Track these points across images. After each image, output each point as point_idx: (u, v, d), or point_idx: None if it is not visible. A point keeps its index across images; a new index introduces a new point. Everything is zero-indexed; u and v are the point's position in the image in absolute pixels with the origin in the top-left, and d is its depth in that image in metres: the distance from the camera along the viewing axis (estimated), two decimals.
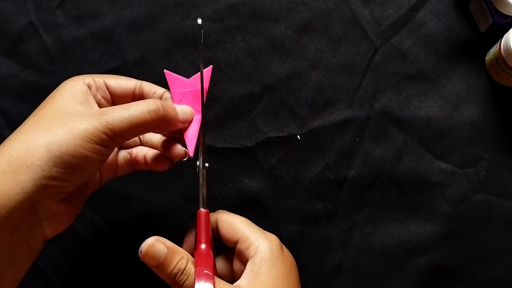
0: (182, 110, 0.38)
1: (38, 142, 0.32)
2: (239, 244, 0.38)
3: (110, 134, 0.33)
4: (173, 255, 0.34)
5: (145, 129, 0.36)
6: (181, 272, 0.34)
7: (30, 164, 0.31)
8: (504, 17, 0.46)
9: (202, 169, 0.39)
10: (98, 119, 0.33)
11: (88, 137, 0.32)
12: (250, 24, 0.50)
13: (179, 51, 0.50)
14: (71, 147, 0.32)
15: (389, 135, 0.49)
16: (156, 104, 0.35)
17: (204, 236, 0.37)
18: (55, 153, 0.31)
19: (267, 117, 0.49)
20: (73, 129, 0.32)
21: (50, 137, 0.32)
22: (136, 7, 0.51)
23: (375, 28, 0.50)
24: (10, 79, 0.50)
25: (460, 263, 0.47)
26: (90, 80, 0.38)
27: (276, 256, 0.37)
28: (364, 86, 0.49)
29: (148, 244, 0.34)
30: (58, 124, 0.33)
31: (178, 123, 0.38)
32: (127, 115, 0.34)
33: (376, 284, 0.47)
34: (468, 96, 0.49)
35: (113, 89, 0.39)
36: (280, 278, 0.36)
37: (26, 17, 0.51)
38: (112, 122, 0.33)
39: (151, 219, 0.49)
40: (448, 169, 0.48)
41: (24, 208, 0.31)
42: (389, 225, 0.48)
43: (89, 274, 0.49)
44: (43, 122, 0.34)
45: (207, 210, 0.38)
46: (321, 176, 0.48)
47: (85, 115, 0.34)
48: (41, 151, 0.31)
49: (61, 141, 0.32)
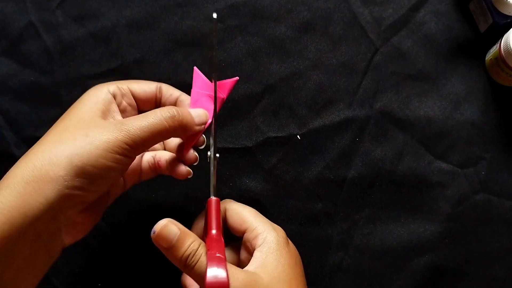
0: (197, 114, 0.39)
1: (61, 153, 0.32)
2: (247, 234, 0.39)
3: (131, 143, 0.34)
4: (185, 238, 0.34)
5: (164, 136, 0.37)
6: (193, 254, 0.34)
7: (53, 175, 0.32)
8: (504, 17, 0.46)
9: (214, 159, 0.40)
10: (118, 129, 0.34)
11: (109, 148, 0.33)
12: (250, 24, 0.50)
13: (179, 51, 0.50)
14: (93, 157, 0.32)
15: (389, 135, 0.49)
16: (172, 111, 0.36)
17: (215, 223, 0.38)
18: (77, 164, 0.32)
19: (267, 117, 0.49)
20: (94, 140, 0.33)
21: (72, 148, 0.33)
22: (136, 7, 0.51)
23: (375, 28, 0.50)
24: (10, 79, 0.50)
25: (460, 263, 0.47)
26: (114, 88, 0.38)
27: (283, 247, 0.38)
28: (364, 86, 0.49)
29: (162, 225, 0.34)
30: (79, 135, 0.33)
31: (195, 126, 0.38)
32: (146, 123, 0.35)
33: (376, 284, 0.47)
34: (468, 96, 0.49)
35: (137, 95, 0.40)
36: (287, 267, 0.37)
37: (26, 17, 0.51)
38: (133, 131, 0.34)
39: (151, 219, 0.49)
40: (448, 169, 0.48)
41: (46, 217, 0.32)
42: (389, 225, 0.48)
43: (89, 274, 0.49)
44: (65, 133, 0.34)
45: (218, 198, 0.39)
46: (321, 176, 0.48)
47: (106, 125, 0.34)
48: (63, 162, 0.32)
49: (83, 152, 0.32)
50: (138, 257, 0.48)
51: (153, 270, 0.48)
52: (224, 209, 0.41)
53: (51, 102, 0.50)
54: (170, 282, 0.48)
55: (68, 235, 0.35)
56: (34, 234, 0.32)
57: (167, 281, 0.48)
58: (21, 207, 0.31)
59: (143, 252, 0.48)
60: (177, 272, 0.48)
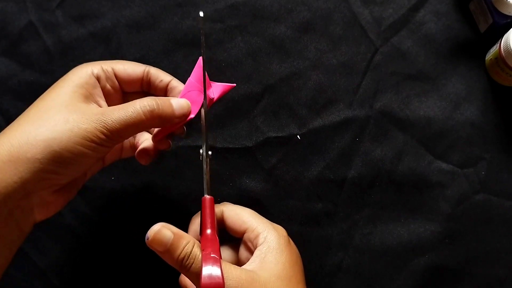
0: (179, 106, 0.38)
1: (39, 136, 0.33)
2: (247, 234, 0.39)
3: (108, 134, 0.34)
4: (180, 240, 0.35)
5: (142, 128, 0.37)
6: (188, 256, 0.34)
7: (30, 156, 0.32)
8: (504, 17, 0.46)
9: (206, 157, 0.40)
10: (97, 120, 0.34)
11: (87, 136, 0.34)
12: (250, 24, 0.50)
13: (179, 51, 0.50)
14: (71, 144, 0.33)
15: (389, 135, 0.49)
16: (152, 103, 0.36)
17: (209, 222, 0.38)
18: (55, 149, 0.33)
19: (267, 117, 0.49)
20: (74, 127, 0.33)
21: (51, 132, 0.33)
22: (136, 7, 0.51)
23: (375, 28, 0.50)
24: (10, 79, 0.50)
25: (460, 263, 0.47)
26: (99, 70, 0.38)
27: (284, 246, 0.38)
28: (364, 86, 0.49)
29: (155, 230, 0.34)
30: (60, 119, 0.34)
31: (175, 119, 0.38)
32: (124, 116, 0.35)
33: (376, 284, 0.47)
34: (468, 96, 0.49)
35: (122, 77, 0.40)
36: (287, 265, 0.37)
37: (26, 17, 0.51)
38: (110, 123, 0.34)
39: (151, 219, 0.49)
40: (448, 169, 0.48)
41: (19, 195, 0.33)
42: (389, 225, 0.48)
43: (89, 274, 0.49)
44: (45, 114, 0.35)
45: (212, 197, 0.39)
46: (321, 176, 0.48)
47: (87, 113, 0.35)
48: (41, 145, 0.33)
49: (61, 138, 0.33)
50: (138, 257, 0.48)
51: (153, 270, 0.48)
52: (221, 211, 0.41)
53: None
54: (170, 282, 0.48)
55: (40, 212, 0.36)
56: (6, 211, 0.33)
57: (167, 281, 0.48)
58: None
59: (143, 252, 0.48)
60: (176, 272, 0.48)
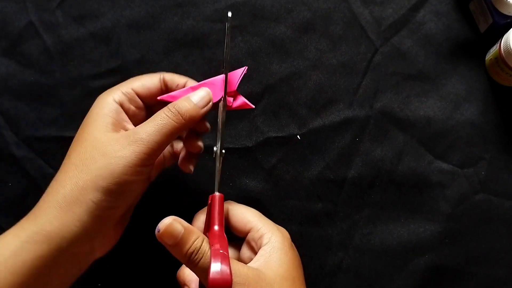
0: (198, 97, 0.39)
1: (85, 177, 0.34)
2: (251, 233, 0.39)
3: (147, 151, 0.35)
4: (190, 235, 0.35)
5: (176, 134, 0.37)
6: (197, 251, 0.34)
7: (83, 199, 0.34)
8: (504, 17, 0.46)
9: (219, 155, 0.40)
10: (132, 141, 0.35)
11: (128, 163, 0.34)
12: (250, 24, 0.50)
13: (179, 51, 0.50)
14: (115, 176, 0.34)
15: (389, 135, 0.49)
16: (174, 107, 0.36)
17: (218, 219, 0.38)
18: (102, 185, 0.34)
19: (267, 117, 0.49)
20: (113, 158, 0.34)
21: (95, 170, 0.34)
22: (136, 7, 0.51)
23: (375, 28, 0.50)
24: (10, 79, 0.50)
25: (460, 263, 0.47)
26: (120, 95, 0.38)
27: (288, 247, 0.38)
28: (364, 86, 0.49)
29: (166, 223, 0.34)
30: (98, 156, 0.35)
31: (200, 111, 0.38)
32: (155, 128, 0.35)
33: (376, 284, 0.47)
34: (468, 96, 0.49)
35: (142, 94, 0.40)
36: (291, 266, 0.37)
37: (26, 17, 0.51)
38: (146, 139, 0.35)
39: (152, 219, 0.49)
40: (448, 169, 0.48)
41: (83, 239, 0.34)
42: (389, 225, 0.48)
43: (89, 274, 0.49)
44: (84, 155, 0.35)
45: (222, 194, 0.39)
46: (321, 176, 0.48)
47: (120, 140, 0.35)
48: (89, 186, 0.34)
49: (105, 173, 0.34)
50: (138, 257, 0.48)
51: (153, 270, 0.48)
52: (227, 209, 0.41)
53: (51, 102, 0.50)
54: (170, 282, 0.48)
55: (101, 250, 0.37)
56: (69, 255, 0.34)
57: (167, 281, 0.48)
58: (59, 229, 0.33)
59: (143, 252, 0.48)
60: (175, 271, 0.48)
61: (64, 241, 0.33)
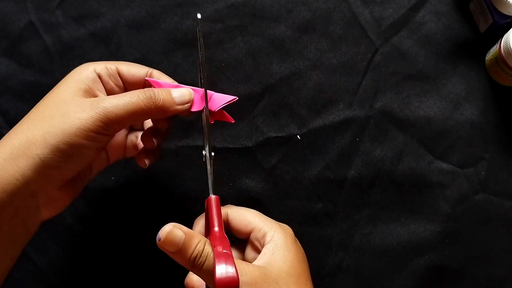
0: (180, 94, 0.38)
1: (37, 132, 0.33)
2: (254, 233, 0.39)
3: (105, 120, 0.34)
4: (191, 239, 0.34)
5: (141, 116, 0.37)
6: (200, 254, 0.34)
7: (29, 153, 0.33)
8: (504, 17, 0.46)
9: (209, 158, 0.40)
10: (94, 107, 0.34)
11: (83, 126, 0.34)
12: (250, 24, 0.50)
13: (179, 51, 0.50)
14: (67, 136, 0.33)
15: (389, 135, 0.49)
16: (150, 92, 0.36)
17: (217, 220, 0.38)
18: (52, 142, 0.33)
19: (267, 117, 0.49)
20: (69, 119, 0.34)
21: (48, 127, 0.34)
22: (136, 7, 0.51)
23: (375, 28, 0.50)
24: (10, 79, 0.50)
25: (460, 263, 0.47)
26: (102, 68, 0.38)
27: (291, 244, 0.38)
28: (364, 86, 0.49)
29: (166, 231, 0.34)
30: (56, 114, 0.34)
31: (175, 106, 0.38)
32: (123, 102, 0.35)
33: (376, 284, 0.47)
34: (468, 96, 0.49)
35: (125, 77, 0.40)
36: (296, 263, 0.37)
37: (26, 17, 0.51)
38: (109, 109, 0.34)
39: (151, 219, 0.49)
40: (448, 169, 0.48)
41: (24, 193, 0.33)
42: (389, 225, 0.48)
43: (89, 274, 0.49)
44: (43, 112, 0.35)
45: (217, 196, 0.39)
46: (321, 176, 0.48)
47: (83, 104, 0.35)
48: (39, 141, 0.33)
49: (57, 131, 0.33)
50: (138, 257, 0.48)
51: (153, 270, 0.48)
52: (226, 213, 0.41)
53: None
54: (170, 282, 0.48)
55: (47, 211, 0.36)
56: (12, 210, 0.33)
57: (167, 281, 0.48)
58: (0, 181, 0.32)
59: (142, 252, 0.48)
60: (176, 272, 0.48)
61: (4, 195, 0.32)
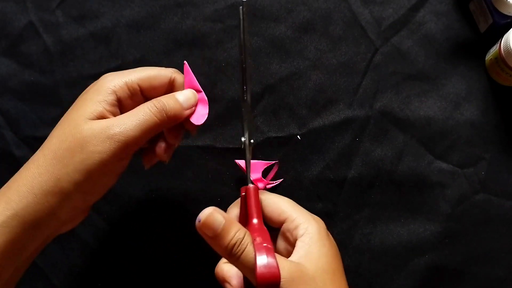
0: (185, 97, 0.38)
1: (62, 170, 0.34)
2: (287, 224, 0.38)
3: (123, 148, 0.34)
4: (231, 226, 0.33)
5: (156, 131, 0.36)
6: (239, 243, 0.33)
7: (58, 190, 0.34)
8: (504, 17, 0.46)
9: (249, 145, 0.39)
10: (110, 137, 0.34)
11: (104, 160, 0.34)
12: (250, 24, 0.50)
13: (179, 51, 0.50)
14: (90, 172, 0.34)
15: (389, 135, 0.49)
16: (159, 104, 0.36)
17: (256, 211, 0.37)
18: (77, 179, 0.34)
19: (267, 117, 0.49)
20: (89, 153, 0.34)
21: (71, 164, 0.34)
22: (136, 7, 0.51)
23: (375, 28, 0.50)
24: (10, 79, 0.50)
25: (460, 263, 0.47)
26: (122, 89, 0.37)
27: (325, 237, 0.37)
28: (364, 86, 0.49)
29: (206, 213, 0.33)
30: (76, 148, 0.34)
31: (184, 112, 0.38)
32: (137, 122, 0.35)
33: (376, 284, 0.47)
34: (468, 96, 0.49)
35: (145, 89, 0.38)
36: (330, 258, 0.36)
37: (26, 17, 0.51)
38: (124, 134, 0.34)
39: (151, 219, 0.49)
40: (448, 169, 0.48)
41: (54, 225, 0.35)
42: (389, 225, 0.48)
43: (89, 274, 0.49)
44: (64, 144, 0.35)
45: (256, 185, 0.38)
46: (321, 176, 0.48)
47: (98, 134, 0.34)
48: (65, 179, 0.34)
49: (80, 167, 0.34)
50: (138, 257, 0.48)
51: (153, 270, 0.48)
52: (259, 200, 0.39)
53: (51, 102, 0.50)
54: (170, 282, 0.48)
55: (66, 228, 0.37)
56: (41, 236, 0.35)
57: (167, 281, 0.48)
58: (33, 216, 0.33)
59: (143, 252, 0.48)
60: (176, 272, 0.48)
61: (37, 227, 0.34)
